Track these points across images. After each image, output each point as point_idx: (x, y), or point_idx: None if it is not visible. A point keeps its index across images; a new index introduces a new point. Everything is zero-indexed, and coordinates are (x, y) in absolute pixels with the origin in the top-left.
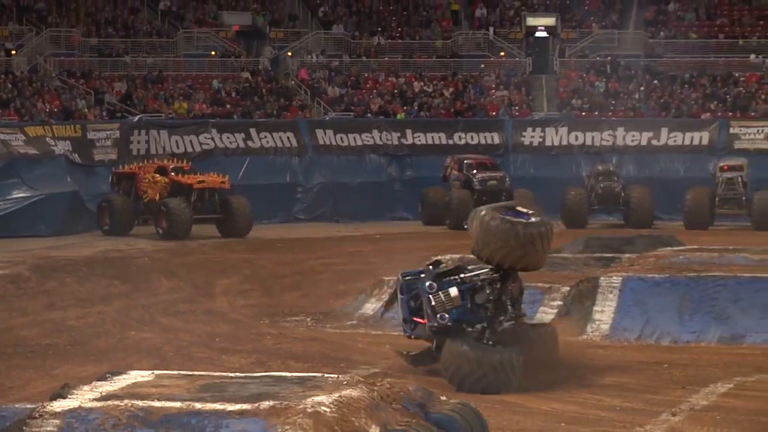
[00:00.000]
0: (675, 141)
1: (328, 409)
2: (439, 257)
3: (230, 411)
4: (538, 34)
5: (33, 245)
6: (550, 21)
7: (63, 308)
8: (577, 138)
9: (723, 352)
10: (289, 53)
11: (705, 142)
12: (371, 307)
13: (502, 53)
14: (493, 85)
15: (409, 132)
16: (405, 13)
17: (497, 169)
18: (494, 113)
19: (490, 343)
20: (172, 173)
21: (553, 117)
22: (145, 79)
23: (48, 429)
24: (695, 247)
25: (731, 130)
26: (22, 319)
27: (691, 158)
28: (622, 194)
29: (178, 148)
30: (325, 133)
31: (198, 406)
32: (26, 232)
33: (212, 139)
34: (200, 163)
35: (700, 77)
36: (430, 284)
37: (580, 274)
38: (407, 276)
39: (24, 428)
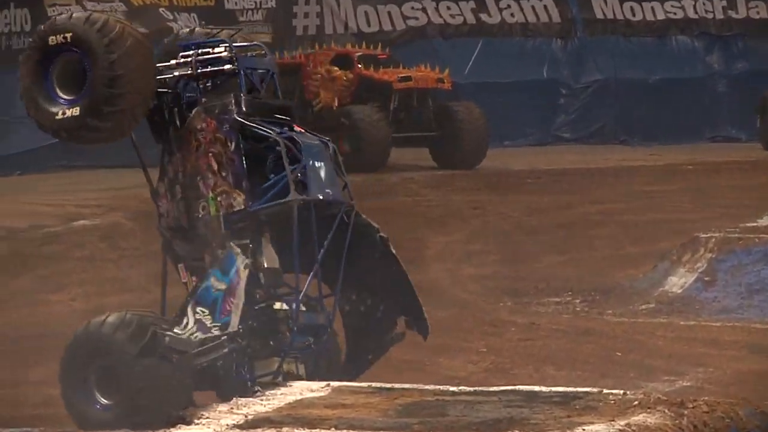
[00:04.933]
0: None
1: None
2: None
3: None
4: None
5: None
6: None
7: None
8: None
9: None
10: None
11: None
12: (678, 281)
13: None
14: None
15: (740, 1)
16: None
17: None
18: None
19: None
20: (360, 65)
21: None
22: None
23: None
24: None
25: None
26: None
27: None
28: None
29: (369, 24)
30: (605, 1)
31: None
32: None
33: (423, 10)
34: (404, 49)
35: None
36: None
37: None
38: None
39: None
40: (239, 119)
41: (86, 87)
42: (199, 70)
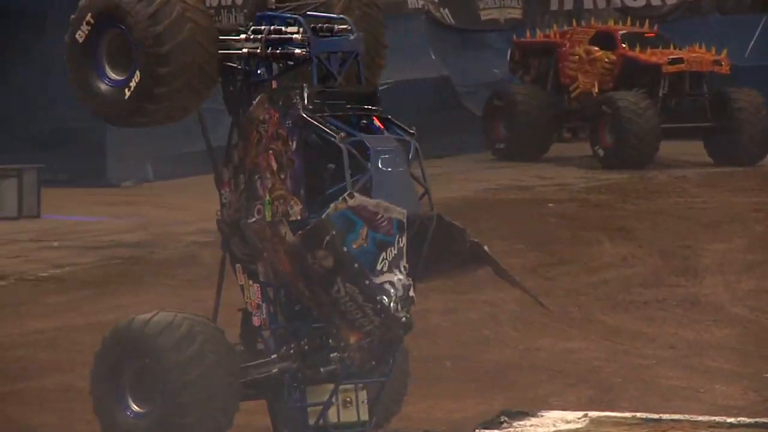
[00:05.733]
0: None
1: None
2: None
3: None
4: None
5: None
6: None
7: None
8: None
9: None
10: None
11: None
12: None
13: None
14: None
15: None
16: None
17: None
18: None
19: None
20: (624, 45)
21: None
22: None
23: None
24: None
25: None
26: None
27: None
28: None
29: None
30: None
31: None
32: None
33: None
34: (675, 27)
35: None
36: None
37: None
38: None
39: None
40: (304, 115)
41: (132, 67)
42: (268, 51)
